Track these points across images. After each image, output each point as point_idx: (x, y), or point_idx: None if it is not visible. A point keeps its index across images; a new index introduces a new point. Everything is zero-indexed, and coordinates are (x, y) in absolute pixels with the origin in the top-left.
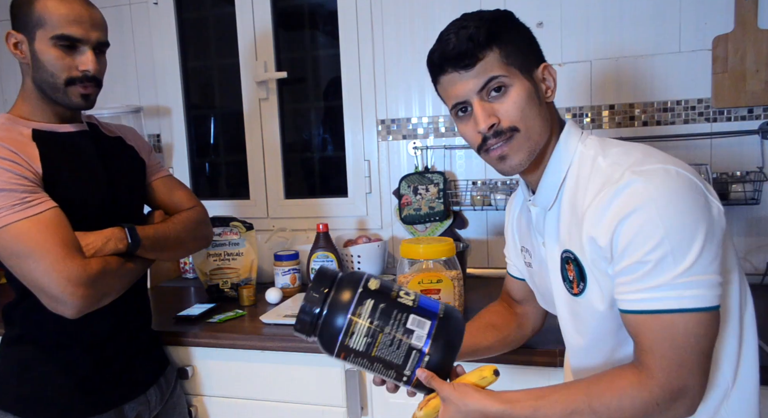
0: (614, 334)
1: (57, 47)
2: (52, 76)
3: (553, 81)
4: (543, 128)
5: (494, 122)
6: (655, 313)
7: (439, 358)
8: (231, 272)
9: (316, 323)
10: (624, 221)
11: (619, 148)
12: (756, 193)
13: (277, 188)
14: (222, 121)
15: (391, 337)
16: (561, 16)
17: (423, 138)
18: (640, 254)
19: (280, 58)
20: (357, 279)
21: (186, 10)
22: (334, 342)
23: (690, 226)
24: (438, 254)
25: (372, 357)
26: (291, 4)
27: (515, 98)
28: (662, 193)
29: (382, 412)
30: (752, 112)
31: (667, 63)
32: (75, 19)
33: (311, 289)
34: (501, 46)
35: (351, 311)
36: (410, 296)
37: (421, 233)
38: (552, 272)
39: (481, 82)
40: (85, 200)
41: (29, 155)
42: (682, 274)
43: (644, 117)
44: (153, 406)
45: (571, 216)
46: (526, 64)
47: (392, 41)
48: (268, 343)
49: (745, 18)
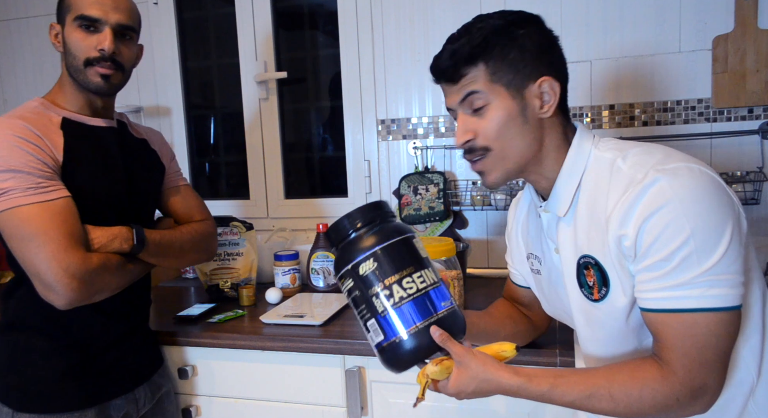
0: (636, 335)
1: (79, 28)
2: (75, 58)
3: (553, 95)
4: (524, 148)
5: (468, 138)
6: (678, 312)
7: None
8: (231, 272)
9: (346, 236)
10: (650, 218)
11: (638, 148)
12: (756, 193)
13: (277, 188)
14: (222, 121)
15: (362, 316)
16: (561, 16)
17: (423, 138)
18: (666, 251)
19: (280, 58)
20: (383, 237)
21: (186, 10)
22: (346, 262)
23: (716, 224)
24: (438, 254)
25: (358, 303)
26: (291, 4)
27: (493, 117)
28: (688, 192)
29: (382, 412)
30: (752, 112)
31: (667, 63)
32: (96, 1)
33: (360, 212)
34: (488, 62)
35: (353, 261)
36: (389, 301)
37: (421, 233)
38: (567, 277)
39: (461, 95)
40: (99, 195)
41: (54, 142)
42: (706, 273)
43: (644, 117)
44: (141, 405)
45: (591, 221)
46: (516, 80)
47: (392, 41)
48: (268, 343)
49: (745, 18)
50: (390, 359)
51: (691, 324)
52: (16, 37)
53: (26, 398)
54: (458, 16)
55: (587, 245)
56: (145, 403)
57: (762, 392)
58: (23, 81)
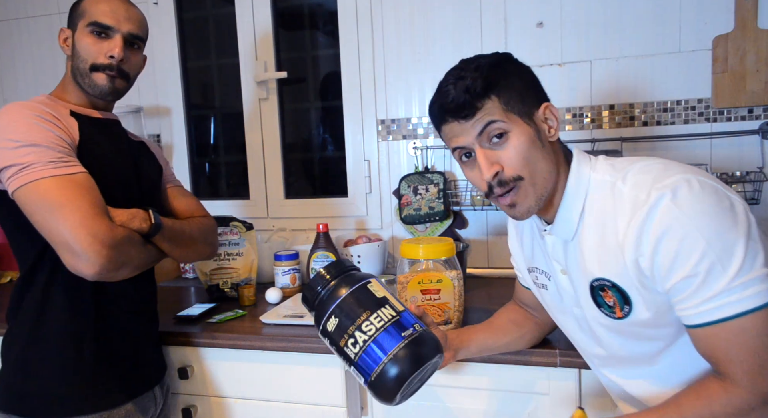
0: (668, 335)
1: (91, 34)
2: (83, 61)
3: (555, 120)
4: (549, 171)
5: (497, 170)
6: (722, 322)
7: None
8: (231, 272)
9: (314, 301)
10: (662, 238)
11: (636, 166)
12: (756, 193)
13: (277, 188)
14: (222, 121)
15: (346, 363)
16: (561, 16)
17: (423, 138)
18: (688, 268)
19: (280, 58)
20: (337, 294)
21: (186, 10)
22: (318, 324)
23: (727, 230)
24: (438, 254)
25: (339, 354)
26: (291, 4)
27: (516, 145)
28: (691, 205)
29: (382, 412)
30: (752, 112)
31: (667, 63)
32: (111, 9)
33: (319, 276)
34: (500, 94)
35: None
36: (356, 346)
37: (421, 233)
38: (582, 298)
39: (479, 128)
40: (112, 179)
41: (69, 125)
42: (736, 276)
43: (644, 117)
44: (158, 402)
45: (601, 245)
46: (525, 108)
47: (392, 41)
48: (268, 343)
49: (745, 18)
50: (378, 393)
51: (739, 330)
52: (16, 37)
53: (46, 403)
54: (458, 16)
55: (599, 268)
56: (160, 401)
57: None
58: (23, 81)
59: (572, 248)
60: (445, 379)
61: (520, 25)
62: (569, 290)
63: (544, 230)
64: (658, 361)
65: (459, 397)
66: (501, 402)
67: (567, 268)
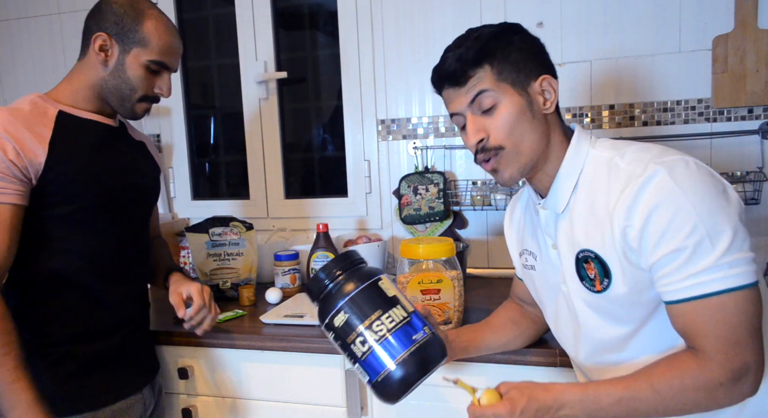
0: (643, 314)
1: (148, 69)
2: (132, 90)
3: (553, 92)
4: (536, 142)
5: (482, 138)
6: (705, 297)
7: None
8: (231, 272)
9: (320, 293)
10: (655, 210)
11: (635, 146)
12: (756, 193)
13: (277, 188)
14: (222, 121)
15: (350, 360)
16: (561, 16)
17: (423, 138)
18: (677, 241)
19: (280, 58)
20: (349, 288)
21: (186, 10)
22: (324, 317)
23: (719, 208)
24: (438, 254)
25: (343, 350)
26: (291, 4)
27: (504, 115)
28: (687, 181)
29: (381, 412)
30: (752, 112)
31: (667, 63)
32: (174, 50)
33: (329, 267)
34: (493, 63)
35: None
36: (365, 345)
37: (421, 233)
38: (567, 272)
39: (470, 96)
40: (92, 189)
41: (37, 135)
42: (724, 254)
43: (644, 117)
44: (148, 403)
45: (589, 217)
46: (520, 78)
47: (392, 41)
48: (268, 343)
49: (745, 18)
50: (381, 394)
51: (720, 306)
52: (16, 37)
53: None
54: (458, 16)
55: (585, 240)
56: (150, 402)
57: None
58: (23, 81)
59: (564, 221)
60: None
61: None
62: (557, 265)
63: (538, 203)
64: (626, 347)
65: (459, 397)
66: None
67: (557, 242)
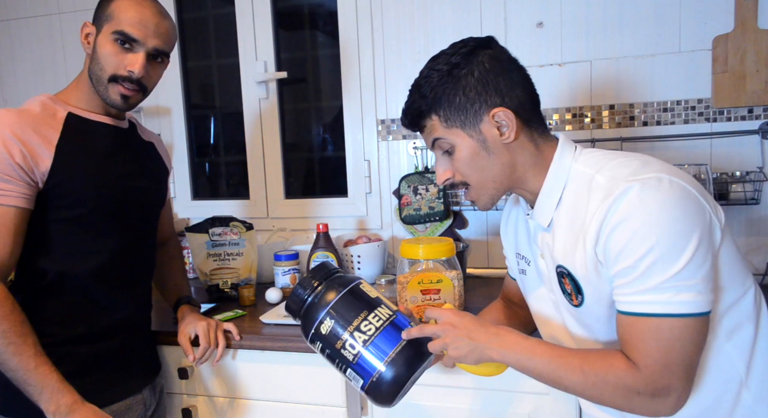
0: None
1: (114, 42)
2: (101, 69)
3: (509, 122)
4: (498, 174)
5: (448, 177)
6: (644, 316)
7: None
8: (231, 272)
9: (301, 307)
10: (617, 227)
11: (616, 161)
12: (756, 193)
13: (277, 188)
14: (222, 121)
15: (340, 369)
16: (561, 16)
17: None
18: (633, 258)
19: (280, 58)
20: (331, 295)
21: (186, 10)
22: (309, 328)
23: (681, 232)
24: (438, 254)
25: (332, 359)
26: (291, 4)
27: (460, 157)
28: (654, 201)
29: (381, 412)
30: (752, 112)
31: (667, 63)
32: (140, 21)
33: (306, 279)
34: (439, 113)
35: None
36: (354, 348)
37: (421, 233)
38: (553, 283)
39: (430, 141)
40: (98, 193)
41: (44, 138)
42: (671, 278)
43: (644, 117)
44: (149, 404)
45: (568, 234)
46: (469, 120)
47: (392, 41)
48: (268, 343)
49: (745, 18)
50: (376, 397)
51: (656, 328)
52: (16, 37)
53: (29, 405)
54: (458, 16)
55: (563, 256)
56: (151, 403)
57: (756, 383)
58: (23, 81)
59: (547, 235)
60: (445, 379)
61: (520, 25)
62: (546, 274)
63: (528, 214)
64: None
65: (459, 397)
66: (501, 402)
67: (544, 252)
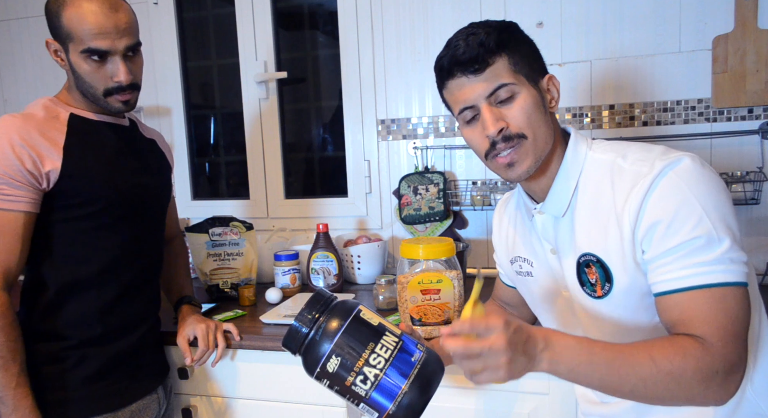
0: (645, 329)
1: (88, 59)
2: (91, 87)
3: (557, 92)
4: (548, 136)
5: (503, 127)
6: (708, 287)
7: None
8: (231, 272)
9: (302, 343)
10: (661, 205)
11: (635, 146)
12: (756, 193)
13: (277, 188)
14: (222, 121)
15: (353, 402)
16: (561, 16)
17: (423, 138)
18: (683, 234)
19: (280, 58)
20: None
21: (186, 10)
22: (314, 367)
23: (723, 204)
24: (438, 254)
25: (343, 394)
26: (291, 4)
27: (523, 105)
28: (693, 176)
29: None
30: (752, 112)
31: (667, 63)
32: (99, 30)
33: (303, 313)
34: (510, 54)
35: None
36: (366, 383)
37: (421, 233)
38: (568, 277)
39: (490, 88)
40: (108, 191)
41: (51, 140)
42: (728, 250)
43: (644, 117)
44: (162, 403)
45: (592, 220)
46: (532, 73)
47: (392, 41)
48: (268, 343)
49: (745, 18)
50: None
51: (721, 298)
52: (16, 37)
53: (46, 408)
54: (458, 16)
55: (587, 243)
56: (164, 402)
57: (760, 377)
58: (23, 81)
59: (563, 225)
60: (445, 379)
61: (520, 25)
62: (558, 270)
63: (534, 208)
64: None
65: (459, 397)
66: (501, 402)
67: (557, 246)
